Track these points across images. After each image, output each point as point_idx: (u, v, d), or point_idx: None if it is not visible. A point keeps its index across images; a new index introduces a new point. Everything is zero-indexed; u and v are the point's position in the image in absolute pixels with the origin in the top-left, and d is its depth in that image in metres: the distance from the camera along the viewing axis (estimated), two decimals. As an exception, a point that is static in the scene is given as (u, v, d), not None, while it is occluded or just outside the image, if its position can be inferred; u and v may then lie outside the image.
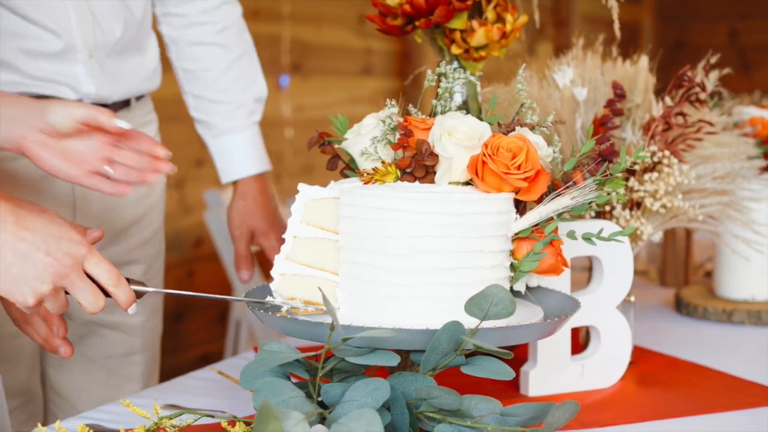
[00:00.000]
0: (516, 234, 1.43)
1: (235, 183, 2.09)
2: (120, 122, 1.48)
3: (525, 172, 1.39)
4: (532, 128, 1.50)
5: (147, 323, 2.05)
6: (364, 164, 1.48)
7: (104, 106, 1.87)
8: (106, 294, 1.34)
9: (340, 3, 5.37)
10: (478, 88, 1.77)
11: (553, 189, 1.44)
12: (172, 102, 2.17)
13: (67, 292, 1.33)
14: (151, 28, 2.01)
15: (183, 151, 2.25)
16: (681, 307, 2.25)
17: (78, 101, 1.51)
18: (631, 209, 1.78)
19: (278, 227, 2.06)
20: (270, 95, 2.15)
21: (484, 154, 1.39)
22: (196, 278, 4.59)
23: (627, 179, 1.77)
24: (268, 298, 1.42)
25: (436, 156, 1.41)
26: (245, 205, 2.05)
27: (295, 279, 1.41)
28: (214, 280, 4.56)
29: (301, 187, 1.44)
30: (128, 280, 1.36)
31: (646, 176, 1.76)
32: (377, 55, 5.70)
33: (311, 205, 1.43)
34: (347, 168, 1.55)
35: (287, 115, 5.01)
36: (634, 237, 1.78)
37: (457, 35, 1.76)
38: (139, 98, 1.99)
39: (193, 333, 4.62)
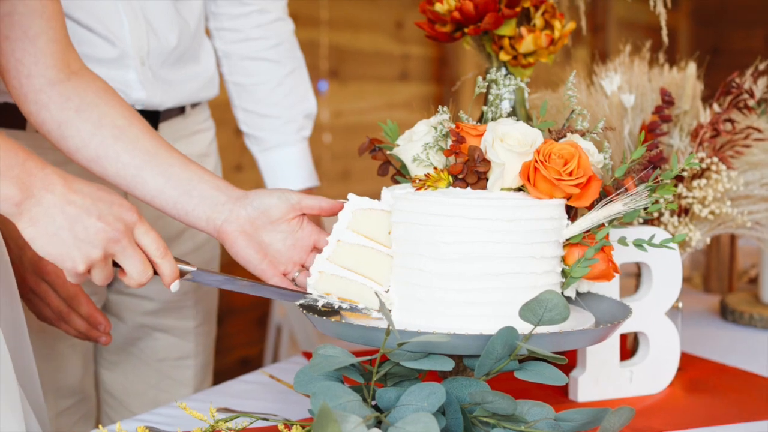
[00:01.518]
0: (567, 240, 1.43)
1: None
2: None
3: (577, 178, 1.39)
4: (582, 134, 1.50)
5: (200, 328, 2.07)
6: (416, 170, 1.49)
7: (156, 112, 1.89)
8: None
9: (378, 9, 5.38)
10: (526, 95, 1.77)
11: (604, 195, 1.44)
12: (213, 107, 2.19)
13: (114, 265, 1.30)
14: (205, 37, 2.03)
15: (223, 156, 2.27)
16: (726, 313, 2.24)
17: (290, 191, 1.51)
18: (679, 216, 1.78)
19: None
20: None
21: (536, 161, 1.39)
22: (235, 283, 4.61)
23: (675, 186, 1.77)
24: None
25: (488, 162, 1.41)
26: None
27: (333, 278, 1.42)
28: (253, 285, 4.58)
29: (351, 196, 1.46)
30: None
31: (695, 183, 1.76)
32: (414, 61, 5.71)
33: (359, 214, 1.45)
34: (398, 174, 1.56)
35: (325, 120, 5.02)
36: (683, 243, 1.78)
37: (506, 42, 1.77)
38: (194, 105, 2.01)
39: (232, 336, 4.64)
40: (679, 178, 1.78)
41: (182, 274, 1.36)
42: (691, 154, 1.71)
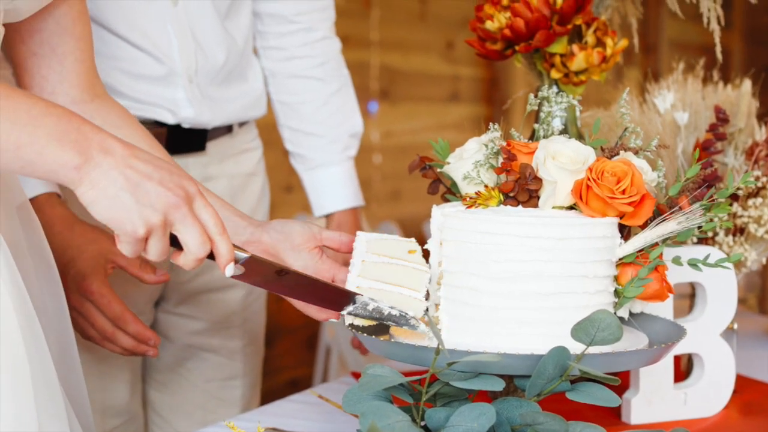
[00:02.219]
0: (620, 259, 1.41)
1: (328, 216, 2.09)
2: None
3: (630, 196, 1.37)
4: (636, 152, 1.48)
5: (247, 348, 2.06)
6: (467, 188, 1.47)
7: (203, 131, 1.89)
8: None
9: (428, 30, 5.39)
10: (578, 113, 1.76)
11: (658, 214, 1.42)
12: (262, 127, 2.19)
13: (171, 244, 1.25)
14: (253, 56, 2.03)
15: (273, 176, 2.27)
16: (782, 335, 2.21)
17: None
18: (734, 235, 1.76)
19: None
20: None
21: (589, 179, 1.38)
22: (285, 303, 4.62)
23: (731, 205, 1.74)
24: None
25: (540, 180, 1.40)
26: None
27: (370, 292, 1.40)
28: (303, 305, 4.57)
29: (360, 233, 1.47)
30: None
31: (750, 202, 1.74)
32: (464, 82, 5.70)
33: (373, 242, 1.44)
34: (448, 192, 1.55)
35: (376, 141, 5.03)
36: (738, 264, 1.75)
37: (557, 59, 1.75)
38: (242, 124, 2.01)
39: (281, 358, 4.64)
40: (734, 197, 1.75)
41: (235, 260, 1.29)
42: (746, 172, 1.68)
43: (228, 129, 1.97)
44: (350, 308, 1.39)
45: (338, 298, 1.39)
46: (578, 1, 1.73)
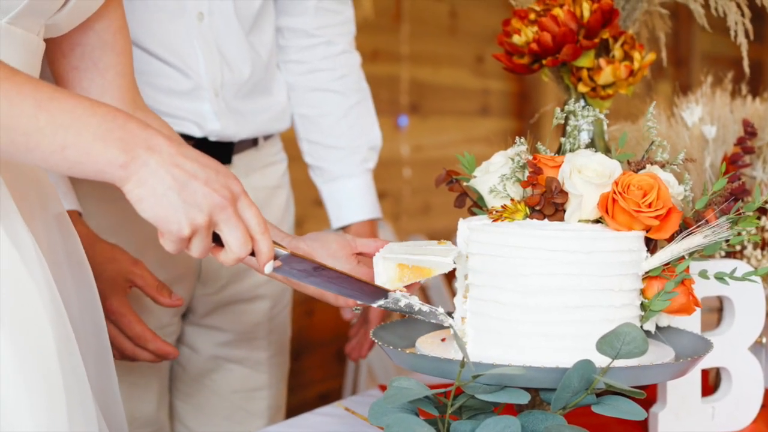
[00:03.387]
0: (646, 273, 1.41)
1: (345, 228, 2.10)
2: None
3: (656, 210, 1.37)
4: (662, 166, 1.48)
5: (273, 359, 2.07)
6: (493, 202, 1.48)
7: (230, 144, 1.91)
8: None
9: (458, 43, 5.39)
10: (605, 126, 1.76)
11: (684, 227, 1.42)
12: (289, 141, 2.20)
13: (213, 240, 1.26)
14: (277, 70, 2.05)
15: (302, 190, 2.28)
16: (812, 350, 2.19)
17: None
18: (762, 249, 1.75)
19: None
20: (389, 135, 2.18)
21: (615, 192, 1.38)
22: (315, 317, 4.63)
23: (758, 218, 1.74)
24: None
25: (566, 194, 1.40)
26: None
27: (397, 260, 1.42)
28: (333, 320, 4.59)
29: (391, 243, 1.50)
30: None
31: (779, 215, 1.73)
32: (494, 96, 5.70)
33: (379, 262, 1.44)
34: (475, 206, 1.55)
35: (406, 154, 5.03)
36: (766, 277, 1.74)
37: (584, 73, 1.75)
38: (267, 138, 2.02)
39: (311, 371, 4.65)
40: (762, 211, 1.74)
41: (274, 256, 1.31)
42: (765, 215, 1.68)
43: (253, 142, 1.98)
44: (382, 302, 1.40)
45: (372, 294, 1.40)
46: (605, 15, 1.73)
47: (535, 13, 1.76)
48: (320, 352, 4.72)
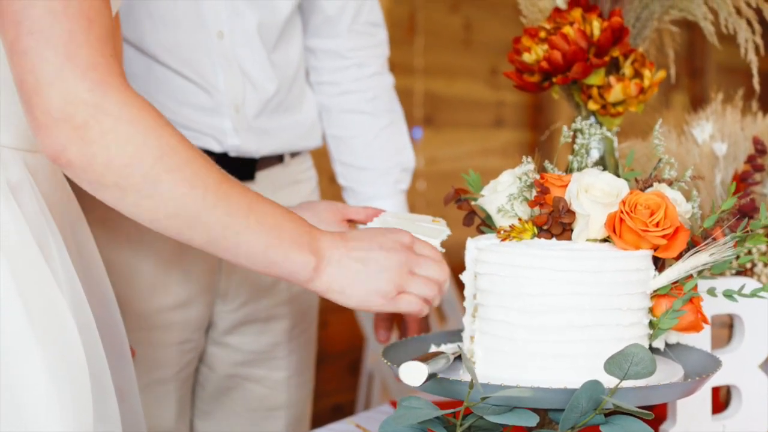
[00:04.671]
0: (655, 291, 1.41)
1: None
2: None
3: (663, 229, 1.37)
4: (670, 183, 1.48)
5: (293, 379, 2.06)
6: (501, 221, 1.48)
7: (251, 159, 1.91)
8: None
9: (472, 56, 5.40)
10: (615, 144, 1.76)
11: (692, 246, 1.42)
12: (321, 157, 2.21)
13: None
14: (306, 86, 2.05)
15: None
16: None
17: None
18: (773, 266, 1.75)
19: None
20: None
21: (622, 212, 1.38)
22: (329, 329, 4.64)
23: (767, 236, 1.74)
24: None
25: (573, 213, 1.40)
26: None
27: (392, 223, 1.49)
28: (347, 331, 4.60)
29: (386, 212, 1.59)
30: None
31: (789, 232, 1.73)
32: (509, 107, 5.70)
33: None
34: (483, 224, 1.56)
35: (420, 167, 5.04)
36: (776, 294, 1.74)
37: (594, 91, 1.76)
38: (294, 155, 2.02)
39: (325, 382, 4.65)
40: (772, 228, 1.74)
41: None
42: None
43: (279, 159, 1.99)
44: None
45: None
46: (615, 33, 1.73)
47: (545, 32, 1.76)
48: (334, 364, 4.72)
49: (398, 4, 4.89)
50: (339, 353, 4.74)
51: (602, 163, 1.76)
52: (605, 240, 1.41)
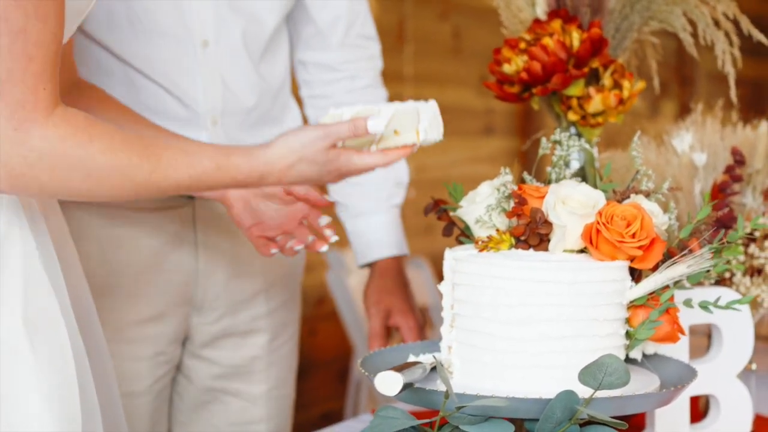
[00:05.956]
0: (631, 301, 1.42)
1: (372, 264, 2.08)
2: (328, 197, 1.66)
3: (639, 240, 1.38)
4: (647, 195, 1.49)
5: (272, 392, 2.05)
6: (479, 231, 1.49)
7: None
8: None
9: (462, 64, 5.41)
10: (596, 154, 1.77)
11: (669, 257, 1.43)
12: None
13: None
14: (290, 99, 2.03)
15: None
16: (806, 374, 2.20)
17: None
18: (751, 276, 1.76)
19: (415, 309, 2.05)
20: None
21: (599, 223, 1.39)
22: (318, 336, 4.64)
23: (747, 245, 1.75)
24: None
25: (550, 224, 1.42)
26: (384, 283, 2.04)
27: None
28: (336, 339, 4.60)
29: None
30: None
31: (767, 243, 1.74)
32: (498, 115, 5.72)
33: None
34: (462, 235, 1.56)
35: (409, 176, 5.04)
36: (755, 304, 1.75)
37: (574, 102, 1.77)
38: None
39: (314, 390, 4.66)
40: (751, 238, 1.75)
41: None
42: (758, 215, 1.69)
43: None
44: None
45: None
46: (594, 44, 1.75)
47: (525, 42, 1.78)
48: (323, 371, 4.73)
49: (387, 12, 4.90)
50: (328, 361, 4.74)
51: (582, 174, 1.77)
52: (583, 250, 1.43)
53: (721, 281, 1.75)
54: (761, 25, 1.86)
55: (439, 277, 1.49)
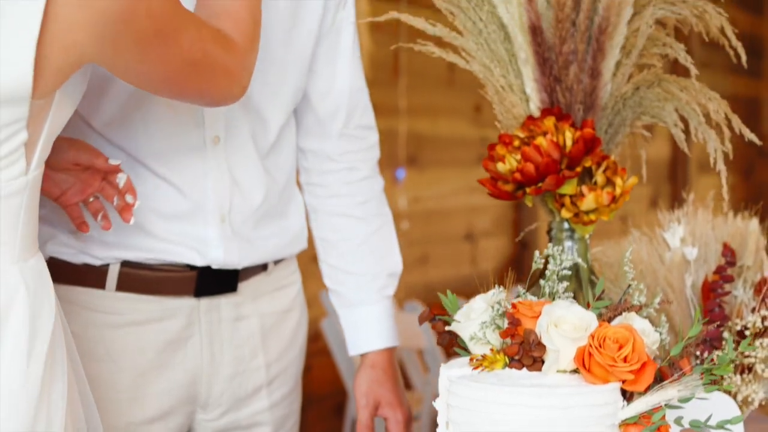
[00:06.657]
0: (623, 420, 1.45)
1: (363, 355, 2.08)
2: (113, 161, 1.72)
3: (631, 364, 1.41)
4: (638, 309, 1.52)
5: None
6: (474, 348, 1.52)
7: (234, 271, 1.91)
8: None
9: (456, 94, 5.44)
10: (589, 255, 1.79)
11: (660, 377, 1.46)
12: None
13: None
14: (296, 191, 2.03)
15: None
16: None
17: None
18: (742, 373, 1.78)
19: (405, 401, 2.07)
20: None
21: (591, 346, 1.42)
22: (313, 372, 4.66)
23: (738, 342, 1.77)
24: None
25: (544, 347, 1.44)
26: (375, 374, 2.04)
27: None
28: (330, 374, 4.62)
29: None
30: None
31: (758, 342, 1.76)
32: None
33: None
34: (457, 345, 1.58)
35: (403, 207, 5.07)
36: (746, 402, 1.78)
37: (567, 200, 1.79)
38: (278, 262, 2.04)
39: (310, 426, 4.68)
40: (741, 336, 1.78)
41: None
42: (745, 339, 1.71)
43: (263, 267, 1.98)
44: None
45: None
46: (587, 143, 1.77)
47: (519, 140, 1.80)
48: (318, 406, 4.75)
49: (381, 45, 4.92)
50: (323, 396, 4.77)
51: (575, 269, 1.79)
52: (576, 370, 1.45)
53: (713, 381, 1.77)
54: (753, 44, 1.88)
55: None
